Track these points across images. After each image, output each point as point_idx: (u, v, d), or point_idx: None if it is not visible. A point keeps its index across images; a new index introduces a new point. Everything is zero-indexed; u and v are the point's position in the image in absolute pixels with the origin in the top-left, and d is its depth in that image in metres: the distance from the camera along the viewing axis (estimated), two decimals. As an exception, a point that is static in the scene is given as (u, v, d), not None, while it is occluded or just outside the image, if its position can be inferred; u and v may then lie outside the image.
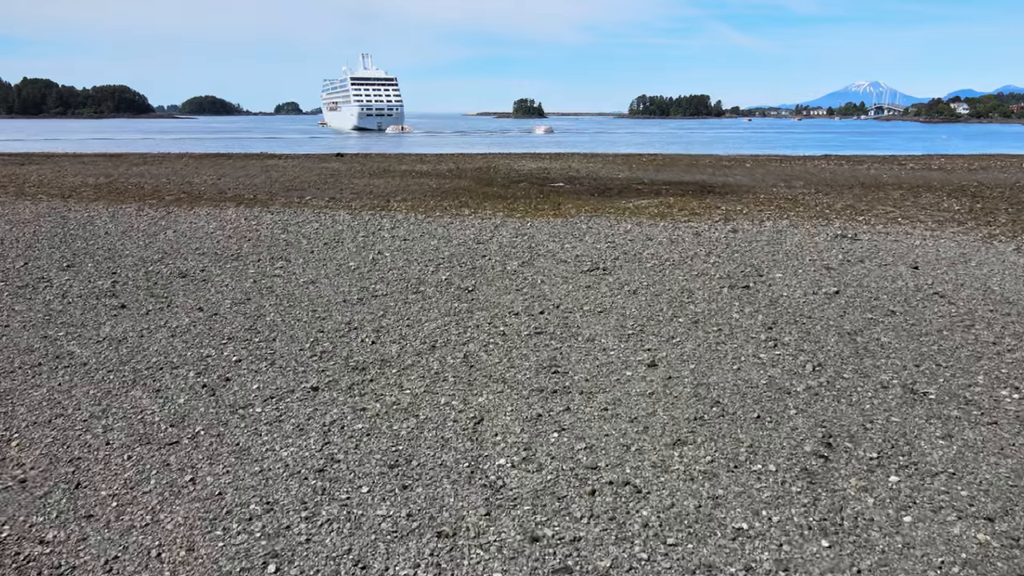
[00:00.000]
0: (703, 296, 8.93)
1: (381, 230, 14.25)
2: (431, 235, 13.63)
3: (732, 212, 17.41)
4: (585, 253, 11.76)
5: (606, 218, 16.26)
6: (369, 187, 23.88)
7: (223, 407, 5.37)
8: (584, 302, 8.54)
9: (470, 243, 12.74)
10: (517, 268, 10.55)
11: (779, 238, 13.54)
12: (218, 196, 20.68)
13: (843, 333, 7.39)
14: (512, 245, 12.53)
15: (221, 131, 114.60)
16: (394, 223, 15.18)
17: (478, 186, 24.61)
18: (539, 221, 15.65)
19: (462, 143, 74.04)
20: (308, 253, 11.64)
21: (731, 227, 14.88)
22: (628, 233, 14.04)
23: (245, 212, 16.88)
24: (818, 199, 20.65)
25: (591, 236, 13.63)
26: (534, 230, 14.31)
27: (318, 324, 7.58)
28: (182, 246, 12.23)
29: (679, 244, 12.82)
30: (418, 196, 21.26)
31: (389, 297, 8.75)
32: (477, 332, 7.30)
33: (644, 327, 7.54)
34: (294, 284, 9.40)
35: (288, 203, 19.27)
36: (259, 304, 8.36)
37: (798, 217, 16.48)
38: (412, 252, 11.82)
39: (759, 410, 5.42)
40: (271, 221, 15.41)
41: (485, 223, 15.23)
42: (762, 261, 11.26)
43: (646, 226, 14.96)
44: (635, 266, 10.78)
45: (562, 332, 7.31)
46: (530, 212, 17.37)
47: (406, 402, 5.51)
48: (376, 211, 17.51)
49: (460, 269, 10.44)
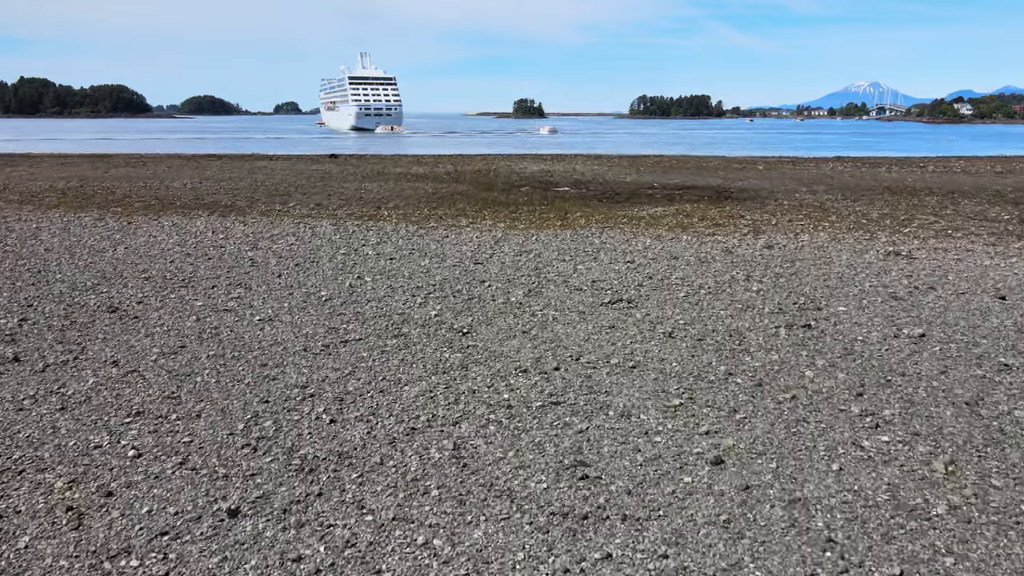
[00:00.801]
0: (758, 340, 7.11)
1: (365, 246, 12.42)
2: (422, 252, 11.80)
3: (760, 223, 15.60)
4: (602, 278, 9.92)
5: (620, 230, 14.45)
6: (360, 192, 22.09)
7: (84, 554, 3.54)
8: (610, 351, 6.71)
9: (467, 263, 10.91)
10: (523, 299, 8.72)
11: (824, 256, 11.72)
12: (193, 203, 18.88)
13: (959, 403, 5.57)
14: (516, 266, 10.70)
15: (217, 131, 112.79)
16: (381, 237, 13.36)
17: (477, 191, 22.82)
18: (545, 234, 13.84)
19: (461, 143, 72.25)
20: (274, 278, 9.81)
21: (764, 242, 13.06)
22: (648, 250, 12.21)
23: (216, 222, 15.06)
24: (849, 207, 18.85)
25: (606, 254, 11.81)
26: (540, 246, 12.49)
27: (264, 388, 5.75)
28: (128, 268, 10.38)
29: (710, 264, 10.99)
30: (412, 203, 19.46)
31: (363, 343, 6.92)
32: (473, 402, 5.48)
33: (693, 392, 5.72)
34: (247, 323, 7.57)
35: (268, 211, 17.46)
36: (194, 354, 6.52)
37: (835, 229, 14.66)
38: (398, 276, 9.99)
39: (896, 557, 3.61)
40: (242, 234, 13.58)
41: (484, 237, 13.41)
42: (814, 288, 9.43)
43: (667, 240, 13.14)
44: (664, 296, 8.95)
45: (586, 402, 5.49)
46: (535, 223, 15.55)
47: (365, 541, 3.68)
48: (363, 221, 15.69)
49: (454, 300, 8.61)
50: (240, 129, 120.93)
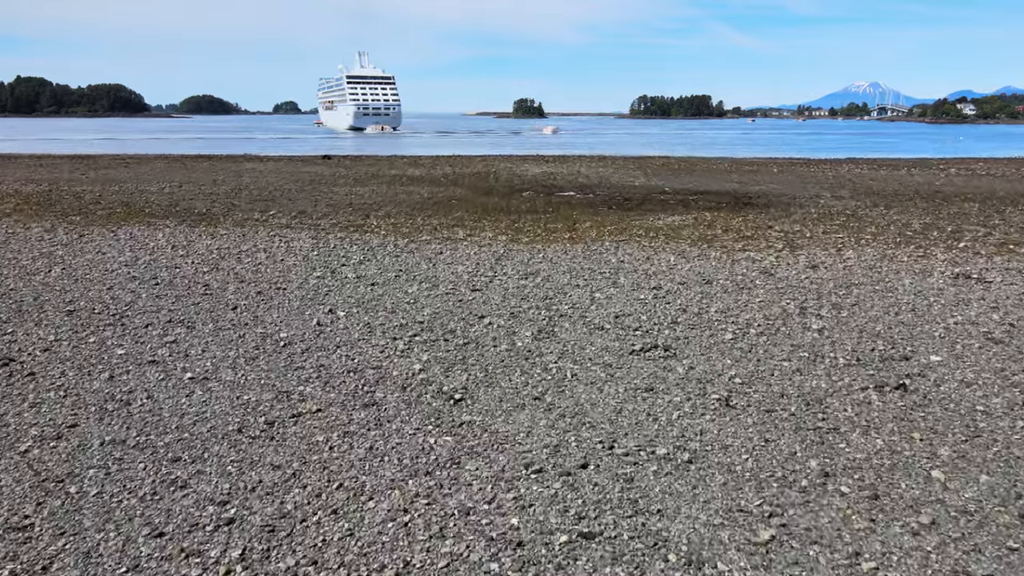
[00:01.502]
0: (846, 412, 5.36)
1: (345, 266, 10.66)
2: (410, 275, 10.04)
3: (793, 235, 13.85)
4: (627, 311, 8.17)
5: (637, 244, 12.70)
6: (349, 197, 20.36)
7: None
8: (653, 433, 4.96)
9: (462, 290, 9.15)
10: (531, 343, 6.96)
11: (881, 280, 9.96)
12: (164, 210, 17.14)
13: None
14: (521, 295, 8.94)
15: (212, 130, 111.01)
16: (365, 253, 11.60)
17: (476, 196, 21.09)
18: (553, 250, 12.09)
19: (460, 144, 70.50)
20: (227, 311, 8.05)
21: (806, 260, 11.31)
22: (674, 271, 10.46)
23: (180, 235, 13.31)
24: (884, 215, 17.12)
25: (626, 276, 10.05)
26: (548, 266, 10.73)
27: (162, 509, 3.99)
28: (53, 297, 8.61)
29: (751, 291, 9.24)
30: (404, 210, 17.73)
31: (320, 418, 5.16)
32: (466, 533, 3.73)
33: (784, 513, 3.95)
34: (173, 384, 5.80)
35: (244, 220, 15.72)
36: (84, 440, 4.76)
37: (881, 243, 12.91)
38: (379, 308, 8.23)
39: None
40: (205, 250, 11.82)
41: (484, 253, 11.66)
42: (888, 326, 7.68)
43: (694, 259, 11.38)
44: (707, 338, 7.20)
45: (632, 534, 3.72)
46: (540, 235, 13.80)
47: None
48: (348, 232, 13.95)
49: (445, 347, 6.85)
50: (236, 129, 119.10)
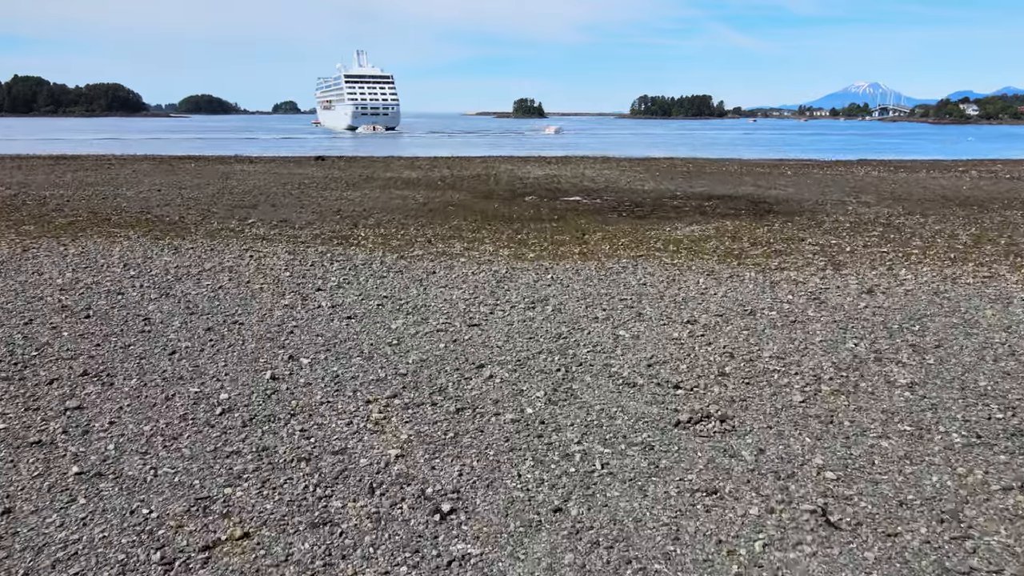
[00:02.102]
0: (998, 536, 3.79)
1: (321, 290, 9.06)
2: (396, 303, 8.44)
3: (831, 250, 12.27)
4: (661, 356, 6.56)
5: (659, 261, 11.11)
6: (339, 203, 18.76)
7: None
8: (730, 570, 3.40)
9: (457, 324, 7.55)
10: (544, 409, 5.37)
11: (956, 310, 8.36)
12: (133, 218, 15.55)
13: None
14: (529, 330, 7.34)
15: (208, 130, 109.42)
16: (346, 274, 9.99)
17: (475, 201, 19.50)
18: (563, 268, 10.49)
19: (459, 144, 68.90)
20: (161, 358, 6.45)
21: (857, 283, 9.71)
22: (707, 297, 8.86)
23: (140, 249, 11.71)
24: (922, 224, 15.55)
25: (652, 305, 8.45)
26: (559, 290, 9.14)
27: None
28: (-47, 336, 7.03)
29: (806, 327, 7.64)
30: (397, 218, 16.15)
31: (240, 552, 3.56)
32: None
33: None
34: (46, 488, 4.18)
35: (218, 230, 14.13)
36: None
37: (935, 261, 11.31)
38: (353, 353, 6.63)
39: None
40: (162, 269, 10.21)
41: (483, 274, 10.06)
42: (994, 379, 6.07)
43: (727, 280, 9.79)
44: (771, 400, 5.60)
45: None
46: (547, 249, 12.21)
47: None
48: (331, 246, 12.36)
49: (432, 416, 5.24)
50: (231, 129, 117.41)
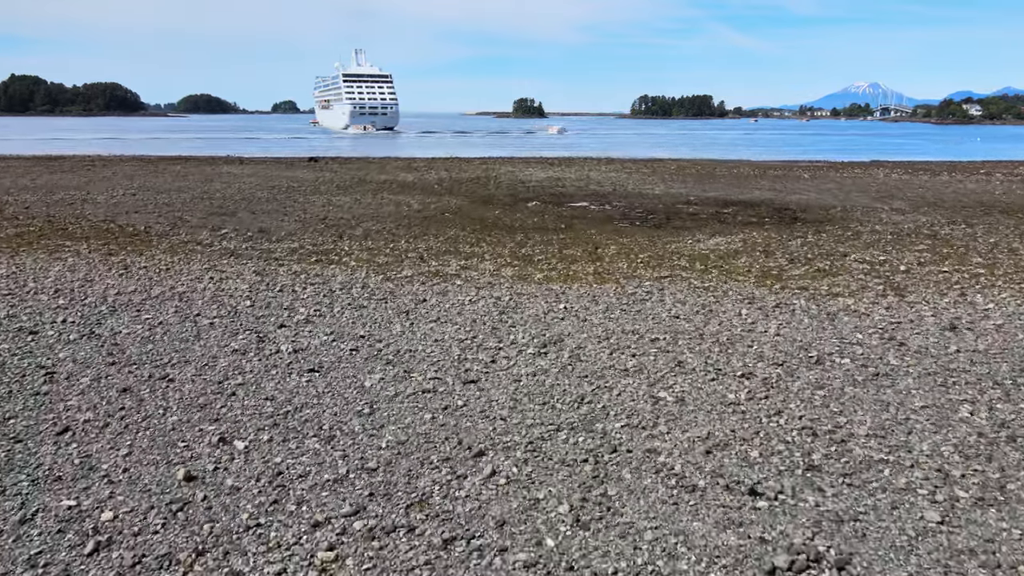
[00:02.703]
0: None
1: (285, 326, 7.54)
2: (374, 347, 6.93)
3: (881, 268, 10.79)
4: (720, 436, 5.03)
5: (687, 283, 9.63)
6: (326, 209, 17.29)
7: None
8: None
9: (449, 381, 6.05)
10: (572, 537, 3.85)
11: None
12: (93, 227, 14.09)
13: None
14: (541, 390, 5.84)
15: (204, 130, 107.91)
16: (317, 304, 8.48)
17: (474, 207, 18.03)
18: (577, 293, 9.00)
19: (458, 145, 67.38)
20: (43, 441, 4.92)
21: (932, 313, 8.22)
22: (756, 334, 7.37)
23: (85, 268, 10.23)
24: (971, 235, 14.10)
25: (692, 347, 6.96)
26: (575, 325, 7.64)
27: None
28: None
29: (896, 383, 6.15)
30: (388, 227, 14.67)
31: None
32: None
33: None
34: None
35: (185, 242, 12.66)
36: None
37: (1009, 283, 9.86)
38: (307, 431, 5.11)
39: None
40: (98, 296, 8.69)
41: (483, 302, 8.56)
42: None
43: (774, 310, 8.30)
44: (895, 521, 4.11)
45: None
46: (556, 267, 10.72)
47: None
48: (307, 264, 10.87)
49: (407, 554, 3.69)
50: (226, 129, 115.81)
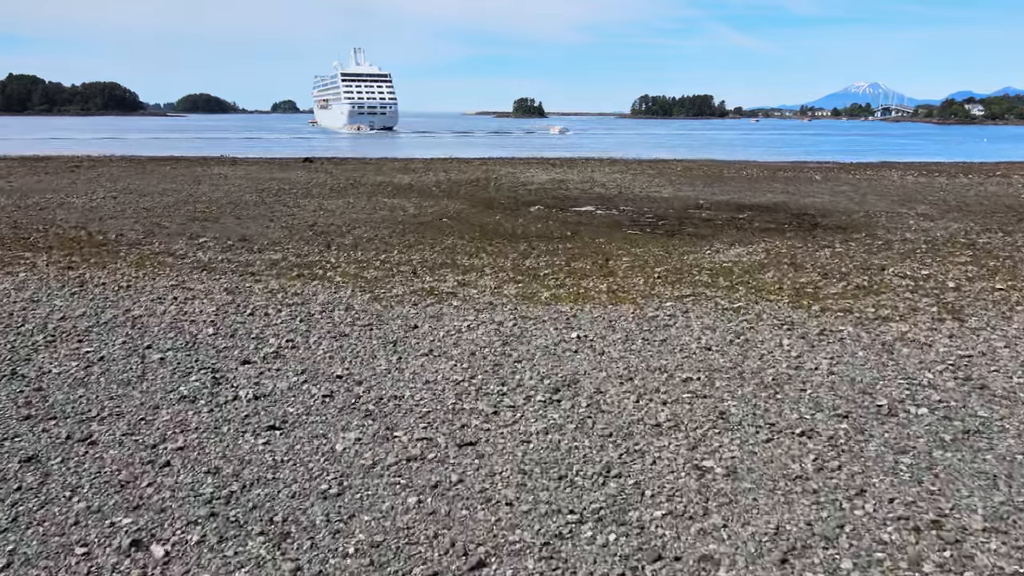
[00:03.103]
0: None
1: (248, 363, 6.42)
2: (350, 396, 5.80)
3: (930, 286, 9.69)
4: (794, 532, 3.92)
5: (714, 303, 8.54)
6: (316, 215, 16.21)
7: None
8: None
9: (440, 441, 4.93)
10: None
11: None
12: (59, 238, 13.00)
13: None
14: (556, 459, 4.73)
15: (201, 129, 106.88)
16: (291, 331, 7.36)
17: (474, 212, 16.95)
18: (590, 317, 7.89)
19: (458, 145, 66.31)
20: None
21: (1007, 347, 7.11)
22: (806, 373, 6.26)
23: (34, 286, 9.13)
24: (1015, 245, 13.12)
25: (735, 393, 5.86)
26: (592, 361, 6.53)
27: None
28: None
29: (993, 444, 5.06)
30: (381, 234, 13.60)
31: None
32: None
33: None
34: None
35: (155, 254, 11.57)
36: None
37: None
38: (252, 527, 3.97)
39: None
40: (38, 324, 7.57)
41: (482, 329, 7.45)
42: None
43: (818, 340, 7.20)
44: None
45: None
46: (565, 285, 9.61)
47: None
48: (287, 280, 9.77)
49: None
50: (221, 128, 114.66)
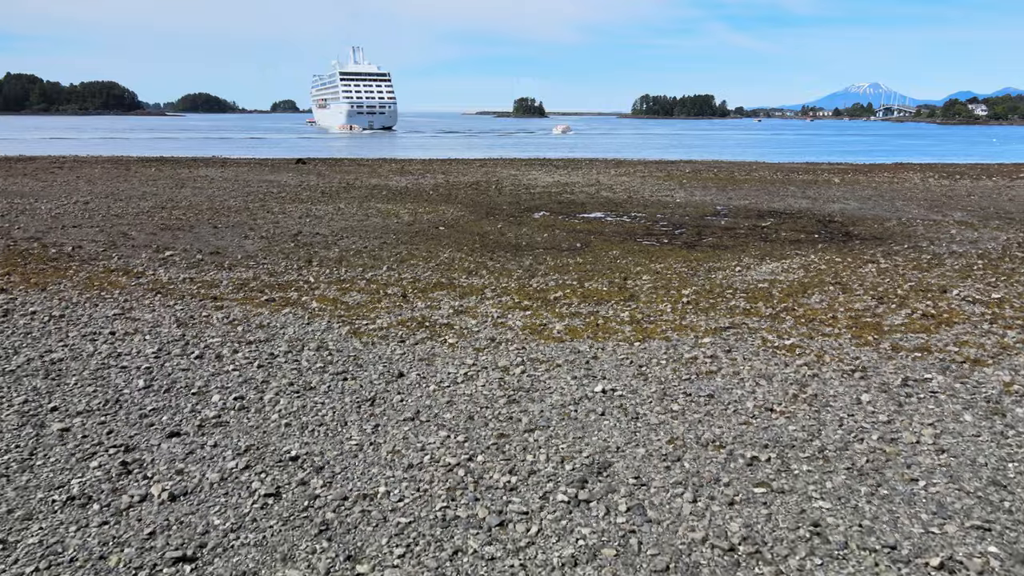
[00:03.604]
0: None
1: (175, 436, 4.98)
2: (305, 491, 4.29)
3: (1010, 314, 8.24)
4: None
5: (760, 339, 7.11)
6: (301, 222, 14.80)
7: None
8: None
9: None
10: None
11: None
12: (9, 249, 11.61)
13: None
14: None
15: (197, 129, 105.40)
16: (244, 382, 5.92)
17: (473, 220, 15.53)
18: (614, 359, 6.45)
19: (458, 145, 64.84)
20: None
21: None
22: (908, 458, 4.84)
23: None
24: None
25: (819, 483, 4.47)
26: (627, 433, 5.11)
27: None
28: None
29: None
30: (371, 247, 12.20)
31: None
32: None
33: None
34: None
35: (109, 272, 10.15)
36: None
37: None
38: None
39: None
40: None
41: (483, 379, 6.02)
42: None
43: (899, 391, 5.79)
44: None
45: None
46: (579, 311, 8.17)
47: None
48: (252, 307, 8.33)
49: None
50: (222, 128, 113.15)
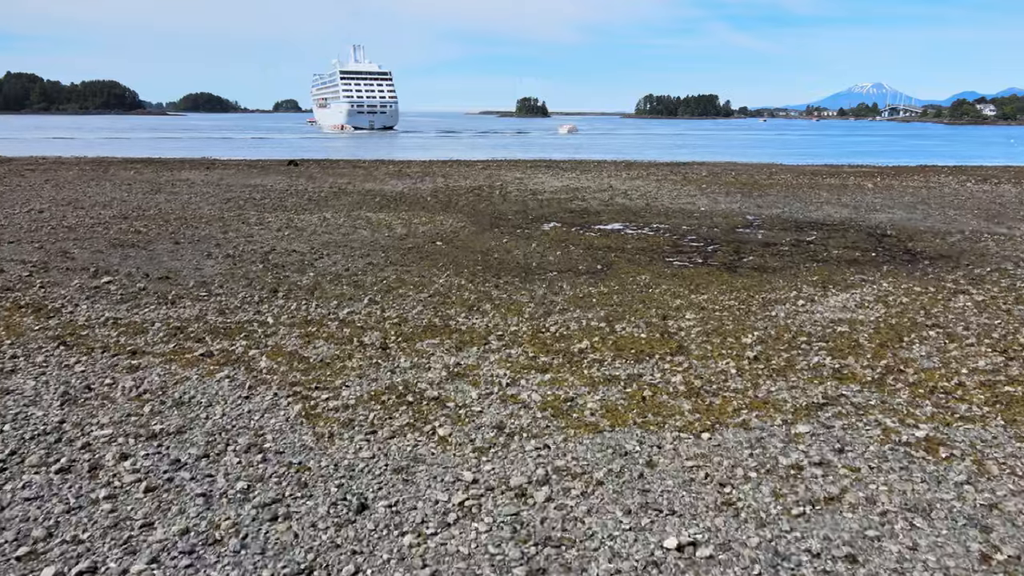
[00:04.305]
0: None
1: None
2: None
3: None
4: None
5: (879, 427, 5.10)
6: (278, 236, 12.88)
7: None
8: None
9: None
10: None
11: None
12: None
13: None
14: None
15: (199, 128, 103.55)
16: (118, 524, 3.95)
17: (476, 232, 13.58)
18: (675, 467, 4.48)
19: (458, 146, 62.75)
20: None
21: None
22: None
23: None
24: None
25: None
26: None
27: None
28: None
29: None
30: (353, 270, 10.23)
31: None
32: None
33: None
34: None
35: (18, 306, 8.20)
36: None
37: None
38: None
39: None
40: None
41: (484, 512, 4.03)
42: None
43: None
44: None
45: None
46: (616, 376, 6.18)
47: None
48: (181, 365, 6.37)
49: None
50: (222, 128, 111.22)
